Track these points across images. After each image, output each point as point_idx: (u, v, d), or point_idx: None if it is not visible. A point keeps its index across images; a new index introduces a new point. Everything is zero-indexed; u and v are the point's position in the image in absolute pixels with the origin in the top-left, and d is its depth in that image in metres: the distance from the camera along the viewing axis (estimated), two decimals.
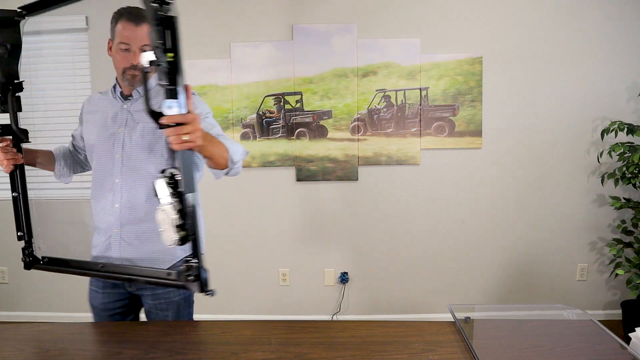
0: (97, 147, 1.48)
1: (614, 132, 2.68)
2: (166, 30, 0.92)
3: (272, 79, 2.87)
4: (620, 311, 2.89)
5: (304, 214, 3.02)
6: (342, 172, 2.95)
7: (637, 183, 2.66)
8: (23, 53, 3.45)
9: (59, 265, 1.41)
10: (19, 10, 1.30)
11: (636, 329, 1.09)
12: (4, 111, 1.35)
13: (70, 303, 3.19)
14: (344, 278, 3.02)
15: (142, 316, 1.60)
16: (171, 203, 1.00)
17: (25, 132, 1.38)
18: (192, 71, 2.91)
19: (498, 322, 1.39)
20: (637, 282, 2.56)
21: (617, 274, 2.72)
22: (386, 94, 2.89)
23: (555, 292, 3.02)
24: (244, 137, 2.94)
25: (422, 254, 2.99)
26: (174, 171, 1.01)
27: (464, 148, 2.92)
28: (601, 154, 2.82)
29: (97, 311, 1.53)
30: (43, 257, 1.46)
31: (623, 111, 2.87)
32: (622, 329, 2.78)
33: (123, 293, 1.52)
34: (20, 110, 1.36)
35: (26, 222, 1.45)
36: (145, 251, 1.44)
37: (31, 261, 1.44)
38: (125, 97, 1.49)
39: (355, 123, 2.91)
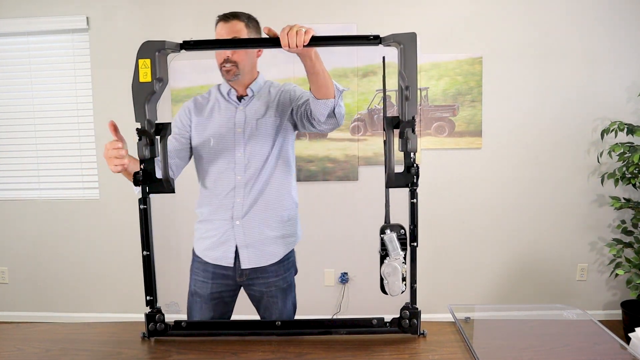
0: (217, 149, 1.54)
1: (614, 132, 2.67)
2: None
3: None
4: (620, 311, 2.89)
5: (304, 214, 3.01)
6: (342, 172, 2.95)
7: (637, 183, 2.66)
8: (24, 53, 3.44)
9: (212, 329, 1.25)
10: (182, 42, 1.19)
11: (636, 329, 1.10)
12: (150, 157, 1.16)
13: (71, 303, 3.19)
14: (344, 278, 3.02)
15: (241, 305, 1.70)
16: (400, 256, 1.12)
17: (170, 183, 1.18)
18: (192, 71, 2.91)
19: (498, 322, 1.39)
20: (637, 282, 2.56)
21: (617, 274, 2.72)
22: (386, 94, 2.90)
23: (555, 292, 3.02)
24: None
25: (422, 254, 2.98)
26: (400, 226, 1.14)
27: (464, 148, 2.92)
28: (601, 154, 2.82)
29: (203, 300, 1.61)
30: (180, 322, 1.23)
31: (623, 111, 2.86)
32: (622, 329, 2.78)
33: (232, 284, 1.61)
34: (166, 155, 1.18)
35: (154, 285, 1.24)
36: (266, 237, 1.56)
37: (164, 329, 1.21)
38: (239, 98, 1.58)
39: (355, 123, 2.91)
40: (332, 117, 1.46)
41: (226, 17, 1.52)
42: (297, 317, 1.71)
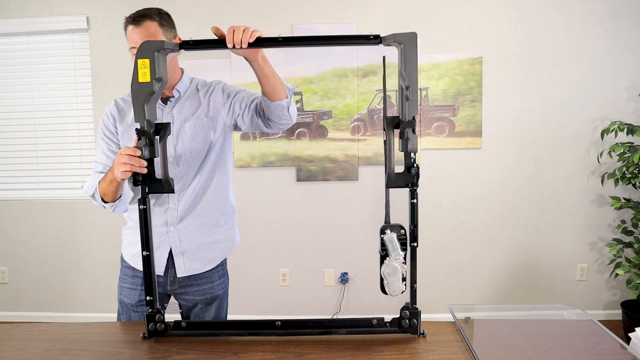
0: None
1: (614, 132, 2.68)
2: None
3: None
4: (620, 311, 2.89)
5: (304, 214, 3.02)
6: (342, 172, 2.95)
7: (637, 183, 2.66)
8: (24, 53, 3.44)
9: (212, 329, 1.24)
10: (181, 42, 1.18)
11: (636, 329, 1.09)
12: (149, 157, 1.15)
13: (71, 303, 3.19)
14: (344, 278, 3.02)
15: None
16: (400, 256, 1.12)
17: (170, 183, 1.17)
18: (192, 71, 2.90)
19: (498, 322, 1.39)
20: (637, 282, 2.56)
21: (617, 274, 2.72)
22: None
23: (555, 292, 3.02)
24: (244, 137, 2.94)
25: (422, 253, 2.98)
26: (400, 226, 1.14)
27: (464, 148, 2.92)
28: (601, 154, 2.82)
29: (131, 307, 1.52)
30: (180, 322, 1.22)
31: (623, 111, 2.87)
32: (622, 329, 2.78)
33: (161, 292, 1.52)
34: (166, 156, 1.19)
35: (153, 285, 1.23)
36: (202, 242, 1.51)
37: (164, 329, 1.20)
38: (164, 100, 1.49)
39: (355, 123, 2.91)
40: (286, 118, 1.44)
41: (136, 20, 1.36)
42: (297, 317, 1.72)
